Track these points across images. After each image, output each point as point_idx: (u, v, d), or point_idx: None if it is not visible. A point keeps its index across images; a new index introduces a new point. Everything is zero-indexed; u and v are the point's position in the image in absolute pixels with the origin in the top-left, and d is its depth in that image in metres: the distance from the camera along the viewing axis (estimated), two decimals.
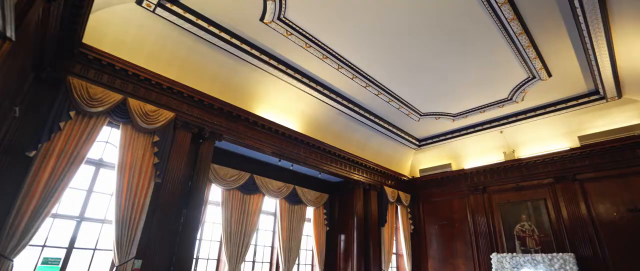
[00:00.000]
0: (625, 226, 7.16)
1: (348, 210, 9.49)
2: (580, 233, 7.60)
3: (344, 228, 9.50)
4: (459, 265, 9.38)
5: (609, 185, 7.57)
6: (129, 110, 5.15)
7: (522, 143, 8.98)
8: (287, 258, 8.03)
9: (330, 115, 8.36)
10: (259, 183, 7.84)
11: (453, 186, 10.12)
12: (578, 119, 8.05)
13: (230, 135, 6.58)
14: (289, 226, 8.36)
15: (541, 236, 8.11)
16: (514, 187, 8.90)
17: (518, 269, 7.86)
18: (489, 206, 9.25)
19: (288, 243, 8.17)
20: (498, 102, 8.04)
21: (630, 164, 7.41)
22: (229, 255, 6.87)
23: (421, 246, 10.34)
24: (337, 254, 9.36)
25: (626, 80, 6.81)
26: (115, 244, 4.71)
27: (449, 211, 10.07)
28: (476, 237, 9.22)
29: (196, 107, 6.15)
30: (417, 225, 10.63)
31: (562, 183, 8.13)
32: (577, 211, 7.77)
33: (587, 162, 7.90)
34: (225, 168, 7.27)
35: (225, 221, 7.06)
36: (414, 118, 8.97)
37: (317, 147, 8.21)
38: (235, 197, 7.38)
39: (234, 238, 7.05)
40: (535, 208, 8.38)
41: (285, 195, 8.43)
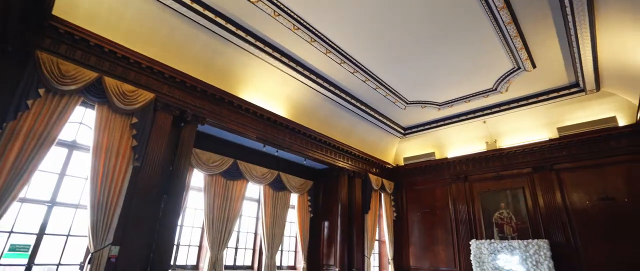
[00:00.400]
0: (597, 214, 7.47)
1: (332, 197, 9.49)
2: (555, 221, 7.89)
3: (327, 215, 9.51)
4: (439, 251, 9.61)
5: (584, 175, 7.86)
6: (105, 90, 4.85)
7: (504, 133, 9.16)
8: (271, 245, 7.98)
9: (316, 101, 8.22)
10: (243, 169, 7.67)
11: (436, 174, 10.27)
12: (558, 110, 8.25)
13: (213, 119, 6.36)
14: (273, 212, 8.28)
15: (518, 223, 8.38)
16: (495, 176, 9.11)
17: (495, 255, 8.11)
18: (470, 194, 9.46)
19: (272, 230, 8.11)
20: (483, 92, 8.12)
21: (604, 155, 7.69)
22: (211, 242, 6.74)
23: (403, 233, 10.51)
24: (321, 240, 9.39)
25: (605, 74, 6.99)
26: (91, 230, 4.48)
27: (431, 199, 10.25)
28: (456, 224, 9.44)
29: (178, 89, 5.88)
30: (399, 212, 10.78)
31: (540, 173, 8.38)
32: (553, 199, 8.05)
33: (565, 152, 8.15)
34: (207, 153, 7.06)
35: (208, 207, 6.89)
36: (400, 107, 8.96)
37: (303, 133, 8.09)
38: (218, 183, 7.20)
39: (216, 225, 6.90)
40: (514, 197, 8.62)
41: (270, 181, 8.31)
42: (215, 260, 6.71)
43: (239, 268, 7.69)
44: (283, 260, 8.89)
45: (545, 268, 7.32)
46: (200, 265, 6.89)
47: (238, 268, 7.69)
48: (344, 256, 8.62)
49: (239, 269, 7.67)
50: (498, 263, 8.00)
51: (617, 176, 7.46)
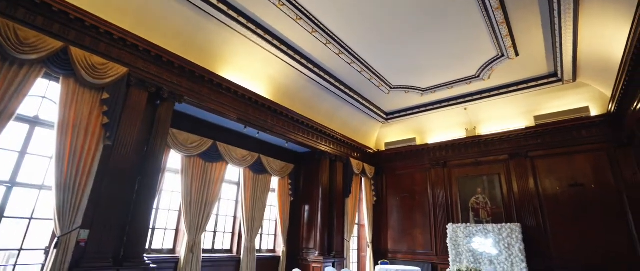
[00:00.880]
0: (566, 199, 7.83)
1: (313, 180, 9.42)
2: (527, 206, 8.21)
3: (308, 199, 9.45)
4: (416, 234, 9.83)
5: (556, 162, 8.17)
6: (72, 61, 4.43)
7: (484, 121, 9.34)
8: (250, 228, 7.84)
9: (299, 82, 8.00)
10: (222, 150, 7.41)
11: (416, 160, 10.40)
12: (536, 99, 8.46)
13: (191, 98, 6.03)
14: (253, 195, 8.11)
15: (493, 208, 8.67)
16: (473, 162, 9.32)
17: (470, 238, 8.38)
18: (448, 180, 9.66)
19: (251, 213, 7.95)
20: (466, 78, 8.18)
21: (576, 143, 8.01)
22: (188, 225, 6.51)
23: (382, 217, 10.66)
24: (301, 224, 9.35)
25: (582, 65, 7.18)
26: (57, 212, 4.16)
27: (411, 184, 10.40)
28: (434, 209, 9.65)
29: (153, 64, 5.49)
30: (379, 196, 10.89)
31: (516, 160, 8.64)
32: (527, 185, 8.35)
33: (540, 140, 8.42)
34: (185, 134, 6.73)
35: (185, 190, 6.62)
36: (384, 91, 8.89)
37: (285, 115, 7.88)
38: (196, 165, 6.92)
39: (194, 208, 6.67)
40: (490, 182, 8.88)
41: (250, 163, 8.10)
42: (193, 243, 6.50)
43: (217, 252, 7.53)
44: (263, 244, 8.80)
45: (516, 250, 7.64)
46: (177, 249, 6.67)
47: (217, 251, 7.53)
48: (324, 239, 8.64)
49: (217, 253, 7.51)
50: (473, 246, 8.28)
51: (586, 163, 7.81)
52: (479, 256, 8.12)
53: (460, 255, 8.40)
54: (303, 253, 8.97)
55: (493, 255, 7.94)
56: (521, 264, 7.47)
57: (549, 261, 7.63)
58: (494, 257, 7.91)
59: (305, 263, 8.59)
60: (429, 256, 9.38)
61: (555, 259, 7.59)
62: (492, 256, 7.96)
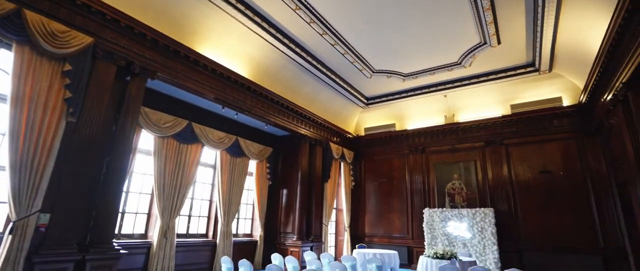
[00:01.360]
0: (536, 186, 8.16)
1: (292, 164, 9.26)
2: (501, 192, 8.49)
3: (286, 183, 9.31)
4: (393, 219, 9.98)
5: (528, 150, 8.46)
6: (27, 26, 3.93)
7: (463, 108, 9.47)
8: (227, 212, 7.62)
9: (280, 63, 7.70)
10: (198, 132, 7.06)
11: (395, 145, 10.46)
12: (513, 88, 8.65)
13: (165, 74, 5.62)
14: (229, 179, 7.85)
15: (468, 193, 8.90)
16: (450, 148, 9.49)
17: (446, 222, 8.60)
18: (426, 165, 9.80)
19: (228, 197, 7.72)
20: (448, 65, 8.19)
21: (548, 132, 8.30)
22: (161, 209, 6.20)
23: (360, 202, 10.73)
24: (279, 208, 9.22)
25: (559, 56, 7.35)
26: (11, 195, 3.76)
27: (389, 170, 10.48)
28: (412, 194, 9.81)
29: (123, 36, 5.03)
30: (358, 181, 10.93)
31: (492, 147, 8.87)
32: (500, 172, 8.62)
33: (514, 128, 8.66)
34: (159, 113, 6.32)
35: (158, 172, 6.27)
36: (366, 75, 8.76)
37: (265, 96, 7.59)
38: (170, 146, 6.55)
39: (168, 191, 6.34)
40: (466, 169, 9.09)
41: (227, 146, 7.80)
42: (166, 228, 6.21)
43: (192, 237, 7.28)
44: (239, 228, 8.62)
45: (489, 233, 7.92)
46: (149, 233, 6.36)
47: (191, 236, 7.27)
48: (302, 224, 8.57)
49: (192, 237, 7.26)
50: (448, 230, 8.51)
51: (556, 151, 8.13)
52: (453, 240, 8.36)
53: (436, 238, 8.62)
54: (281, 238, 8.88)
55: (467, 239, 8.19)
56: (493, 247, 7.76)
57: (518, 244, 7.97)
58: (468, 240, 8.16)
59: (283, 247, 8.51)
60: (405, 240, 9.57)
61: (524, 242, 7.94)
62: (465, 239, 8.21)
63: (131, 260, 5.80)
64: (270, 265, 4.18)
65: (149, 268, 5.96)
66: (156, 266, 5.98)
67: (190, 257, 6.89)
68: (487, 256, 7.76)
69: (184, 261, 6.70)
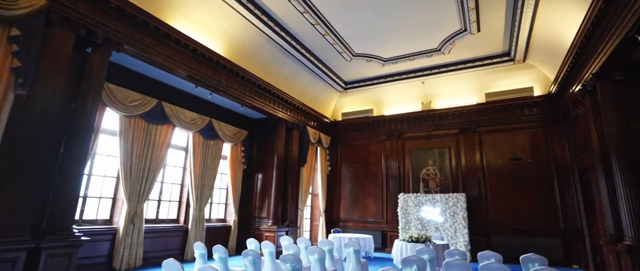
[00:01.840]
0: (506, 172, 8.47)
1: (268, 148, 9.03)
2: (472, 177, 8.76)
3: (262, 167, 9.09)
4: (368, 203, 10.08)
5: (500, 137, 8.73)
6: None
7: (439, 95, 9.58)
8: (199, 197, 7.32)
9: (258, 42, 7.34)
10: (169, 112, 6.63)
11: (372, 131, 10.46)
12: (488, 77, 8.82)
13: (132, 47, 5.14)
14: (202, 162, 7.51)
15: (442, 179, 9.11)
16: (426, 135, 9.62)
17: (419, 207, 8.78)
18: (401, 151, 9.90)
19: (201, 181, 7.40)
20: (428, 51, 8.18)
21: (518, 120, 8.60)
22: (128, 193, 5.81)
23: (336, 187, 10.72)
24: (254, 193, 9.01)
25: (533, 46, 7.52)
26: None
27: (366, 155, 10.51)
28: (387, 179, 9.91)
29: (83, 0, 4.50)
30: (334, 166, 10.89)
31: (466, 134, 9.08)
32: (473, 158, 8.86)
33: (488, 116, 8.89)
34: (125, 90, 5.84)
35: (125, 154, 5.84)
36: (346, 58, 8.59)
37: (241, 76, 7.24)
38: (138, 126, 6.10)
39: (135, 174, 5.94)
40: (441, 155, 9.27)
41: (200, 128, 7.42)
42: (133, 213, 5.85)
43: (162, 222, 6.93)
44: (212, 213, 8.34)
45: (460, 217, 8.18)
46: (114, 219, 5.96)
47: (161, 221, 6.92)
48: (278, 209, 8.42)
49: (162, 223, 6.91)
50: (421, 214, 8.70)
51: (525, 139, 8.45)
52: (426, 224, 8.56)
53: (409, 223, 8.79)
54: (255, 223, 8.71)
55: (439, 223, 8.42)
56: (464, 230, 8.03)
57: (487, 227, 8.30)
58: (440, 224, 8.40)
59: (258, 233, 8.35)
60: (380, 225, 9.71)
61: (492, 225, 8.29)
62: (438, 223, 8.44)
63: (95, 248, 5.42)
64: (247, 250, 4.01)
65: (114, 256, 5.61)
66: (123, 253, 5.63)
67: (160, 243, 6.58)
68: (458, 240, 8.03)
69: (153, 248, 6.38)
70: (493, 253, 4.31)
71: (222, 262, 4.33)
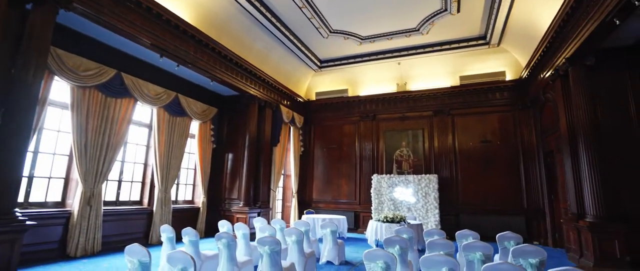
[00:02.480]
0: (476, 154, 8.70)
1: (239, 126, 8.61)
2: (444, 159, 8.92)
3: (233, 146, 8.68)
4: (342, 184, 10.03)
5: (472, 120, 8.91)
6: None
7: (414, 77, 9.55)
8: (165, 177, 6.83)
9: (230, 12, 6.79)
10: (130, 84, 6.01)
11: (346, 112, 10.30)
12: (463, 60, 8.88)
13: (85, 7, 4.47)
14: (168, 140, 6.98)
15: (415, 160, 9.21)
16: (400, 116, 9.61)
17: (393, 188, 8.84)
18: (376, 133, 9.86)
19: (167, 160, 6.89)
20: (406, 31, 8.02)
21: (490, 104, 8.79)
22: (83, 173, 5.24)
23: (308, 168, 10.55)
24: (224, 173, 8.62)
25: (509, 30, 7.59)
26: None
27: (339, 136, 10.37)
28: (361, 160, 9.87)
29: None
30: (307, 147, 10.67)
31: (440, 117, 9.17)
32: (446, 141, 9.00)
33: (461, 99, 9.01)
34: (78, 58, 5.16)
35: (78, 130, 5.22)
36: (322, 34, 8.23)
37: (212, 48, 6.70)
38: (93, 99, 5.47)
39: (91, 152, 5.36)
40: (414, 137, 9.34)
41: (165, 103, 6.85)
42: (90, 194, 5.31)
43: (124, 204, 6.40)
44: (180, 194, 7.87)
45: (432, 198, 8.34)
46: (68, 201, 5.38)
47: (123, 203, 6.40)
48: (249, 189, 8.12)
49: (124, 205, 6.39)
50: (394, 195, 8.78)
51: (495, 123, 8.68)
52: (399, 205, 8.66)
53: (382, 203, 8.86)
54: (225, 204, 8.37)
55: (411, 203, 8.55)
56: (435, 210, 8.21)
57: (456, 207, 8.55)
58: (412, 205, 8.53)
59: (229, 214, 8.04)
60: (352, 206, 9.72)
61: (462, 205, 8.55)
62: (410, 204, 8.56)
63: (44, 232, 4.87)
64: (221, 233, 3.73)
65: (69, 241, 5.09)
66: (78, 237, 5.13)
67: (122, 227, 6.09)
68: (429, 219, 8.21)
69: (114, 232, 5.89)
70: (470, 231, 4.35)
71: (192, 245, 4.02)
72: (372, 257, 2.81)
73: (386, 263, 2.74)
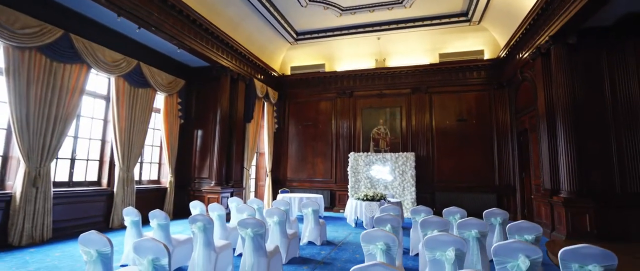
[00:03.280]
0: (453, 132, 8.75)
1: (210, 101, 7.98)
2: (421, 137, 8.90)
3: (203, 122, 8.06)
4: (317, 163, 9.77)
5: (449, 99, 8.89)
6: None
7: (394, 53, 9.31)
8: (127, 155, 6.17)
9: None
10: (82, 48, 5.20)
11: (323, 88, 9.92)
12: (442, 37, 8.73)
13: None
14: (129, 114, 6.27)
15: (392, 138, 9.11)
16: (378, 94, 9.40)
17: (370, 166, 8.72)
18: (353, 110, 9.61)
19: (128, 136, 6.21)
20: (389, 3, 7.68)
21: (467, 83, 8.80)
22: (26, 149, 4.52)
23: (283, 145, 10.17)
24: (193, 151, 8.03)
25: (492, 7, 7.46)
26: None
27: (315, 113, 10.01)
28: (337, 138, 9.62)
29: None
30: (281, 124, 10.24)
31: (417, 94, 9.07)
32: (423, 119, 8.95)
33: (439, 77, 8.93)
34: (12, 12, 4.31)
35: (17, 99, 4.44)
36: (301, 3, 7.67)
37: (179, 11, 5.98)
38: (36, 63, 4.66)
39: (35, 125, 4.62)
40: (392, 114, 9.20)
41: (125, 72, 6.08)
42: (35, 174, 4.61)
43: (78, 185, 5.70)
44: (143, 174, 7.22)
45: (409, 176, 8.32)
46: (7, 182, 4.64)
47: (77, 184, 5.69)
48: (221, 168, 7.62)
49: (78, 186, 5.69)
50: (371, 173, 8.67)
51: (472, 101, 8.73)
52: (375, 183, 8.58)
53: (359, 182, 8.74)
54: (195, 184, 7.84)
55: (388, 181, 8.50)
56: (411, 188, 8.22)
57: (432, 185, 8.63)
58: (389, 183, 8.48)
59: (199, 195, 7.54)
60: (328, 184, 9.53)
61: (437, 182, 8.63)
62: (387, 182, 8.51)
63: None
64: (195, 215, 3.31)
65: (10, 228, 4.41)
66: (23, 224, 4.46)
67: (77, 210, 5.43)
68: (406, 197, 8.22)
69: (67, 216, 5.23)
70: (458, 208, 4.26)
71: (162, 230, 3.57)
72: (371, 239, 2.56)
73: (386, 245, 2.51)
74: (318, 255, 4.44)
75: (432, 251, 2.41)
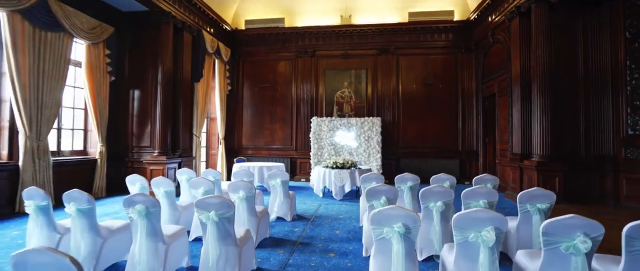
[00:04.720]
0: (419, 96, 8.45)
1: (148, 54, 6.60)
2: (387, 102, 8.48)
3: (140, 81, 6.70)
4: (276, 129, 8.95)
5: (416, 61, 8.49)
6: None
7: (360, 10, 8.55)
8: (36, 119, 4.79)
9: None
10: None
11: (281, 46, 8.90)
12: None
13: None
14: (35, 66, 4.80)
15: (357, 102, 8.57)
16: (343, 54, 8.67)
17: (334, 132, 8.15)
18: (315, 71, 8.81)
19: (35, 95, 4.79)
20: None
21: (435, 45, 8.44)
22: None
23: (237, 110, 9.12)
24: (129, 115, 6.70)
25: None
26: None
27: (273, 74, 9.03)
28: (298, 102, 8.83)
29: None
30: (235, 85, 9.11)
31: (384, 56, 8.52)
32: (389, 83, 8.49)
33: (407, 38, 8.43)
34: None
35: None
36: None
37: None
38: None
39: None
40: (357, 77, 8.59)
41: (24, 6, 4.54)
42: None
43: None
44: (64, 143, 5.82)
45: (374, 142, 7.93)
46: None
47: None
48: (166, 135, 6.48)
49: None
50: (335, 140, 8.12)
51: (439, 65, 8.43)
52: (339, 149, 8.07)
53: (322, 148, 8.16)
54: (134, 154, 6.62)
55: (353, 148, 8.03)
56: (377, 155, 7.86)
57: (396, 149, 8.37)
58: (354, 149, 8.02)
59: (139, 166, 6.39)
60: (288, 152, 8.82)
61: (401, 148, 8.39)
62: (351, 148, 8.04)
63: None
64: (133, 196, 2.39)
65: None
66: None
67: None
68: (371, 164, 7.86)
69: None
70: (411, 175, 3.77)
71: (84, 216, 2.60)
72: (386, 219, 1.93)
73: (406, 226, 1.91)
74: (292, 234, 3.80)
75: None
